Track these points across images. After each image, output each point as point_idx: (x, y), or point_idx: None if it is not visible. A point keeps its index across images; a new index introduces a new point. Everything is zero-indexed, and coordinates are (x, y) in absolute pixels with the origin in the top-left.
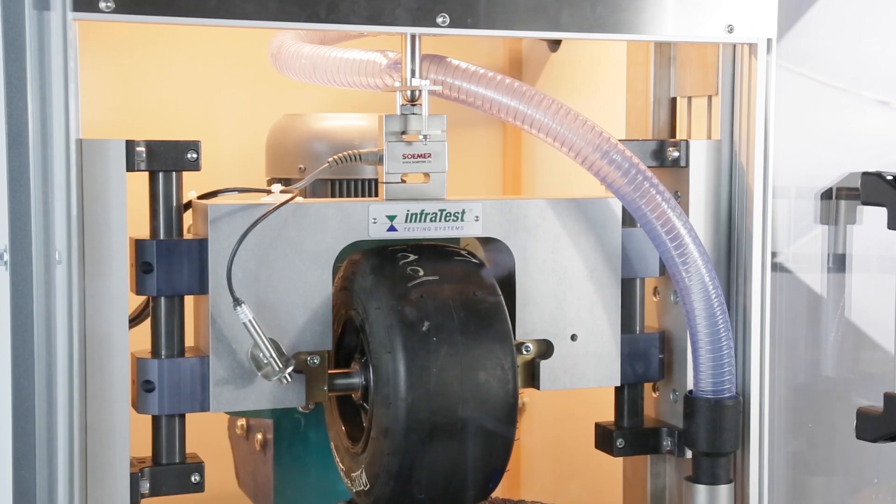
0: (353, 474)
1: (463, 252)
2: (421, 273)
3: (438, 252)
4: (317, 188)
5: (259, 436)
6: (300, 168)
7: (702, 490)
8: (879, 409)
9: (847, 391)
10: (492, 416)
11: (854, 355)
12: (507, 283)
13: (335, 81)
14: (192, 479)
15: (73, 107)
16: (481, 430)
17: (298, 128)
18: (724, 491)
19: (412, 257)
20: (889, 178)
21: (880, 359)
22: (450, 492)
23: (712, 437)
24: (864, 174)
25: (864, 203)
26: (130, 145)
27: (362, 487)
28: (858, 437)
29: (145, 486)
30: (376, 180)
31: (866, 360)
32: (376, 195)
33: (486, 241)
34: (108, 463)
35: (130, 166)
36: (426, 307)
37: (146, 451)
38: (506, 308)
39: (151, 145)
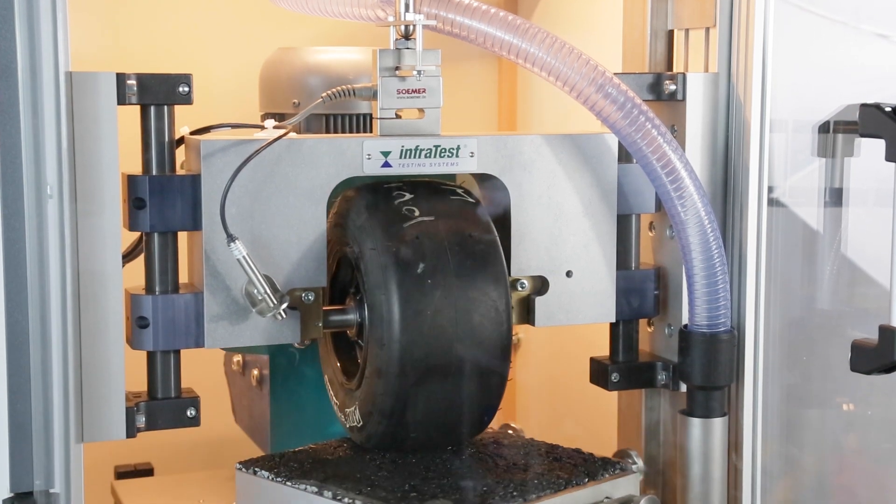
0: (347, 410)
1: (458, 189)
2: (415, 212)
3: (433, 189)
4: (311, 123)
5: (255, 371)
6: (294, 103)
7: (696, 423)
8: (874, 342)
9: (842, 325)
10: (486, 355)
11: (849, 290)
12: (503, 221)
13: (328, 12)
14: (188, 413)
15: (61, 39)
16: (475, 370)
17: (292, 62)
18: (718, 424)
19: (407, 195)
20: (888, 109)
21: (875, 294)
22: (443, 430)
23: (707, 370)
24: (863, 106)
25: (862, 135)
26: (121, 78)
27: (355, 423)
28: (853, 369)
29: (141, 420)
30: (370, 115)
31: (861, 295)
32: (370, 131)
33: (482, 178)
34: (103, 397)
35: (121, 100)
36: (421, 246)
37: (143, 386)
38: (500, 246)
39: (142, 78)
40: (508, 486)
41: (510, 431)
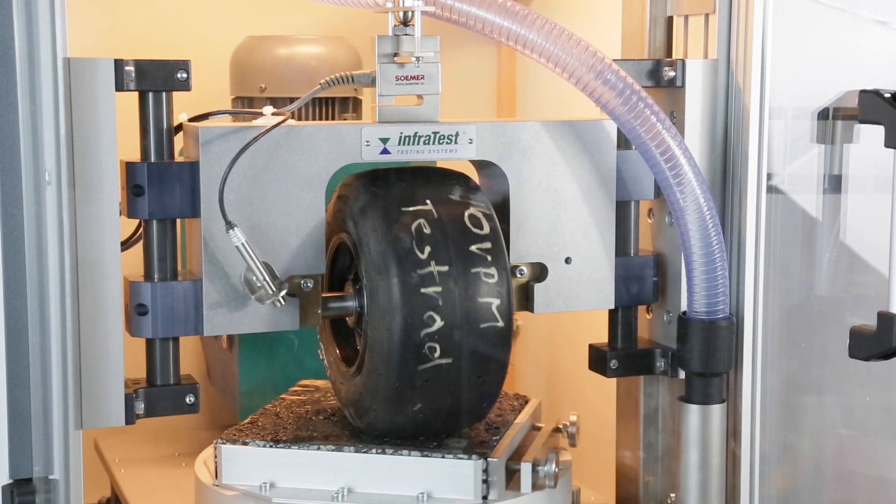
0: (346, 396)
1: (457, 176)
2: (415, 198)
3: (433, 176)
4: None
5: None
6: (261, 87)
7: (694, 410)
8: (873, 328)
9: (840, 312)
10: (486, 342)
11: (848, 276)
12: (502, 207)
13: None
14: (187, 399)
15: (59, 25)
16: (476, 358)
17: (261, 48)
18: (716, 411)
19: (406, 181)
20: (887, 95)
21: (874, 280)
22: (443, 417)
23: (705, 357)
24: (863, 92)
25: (862, 121)
26: (119, 64)
27: (354, 410)
28: (851, 355)
29: (140, 407)
30: (355, 98)
31: (860, 282)
32: (356, 112)
33: (481, 165)
34: (102, 384)
35: (119, 86)
36: (420, 233)
37: (142, 373)
38: (501, 233)
39: (140, 65)
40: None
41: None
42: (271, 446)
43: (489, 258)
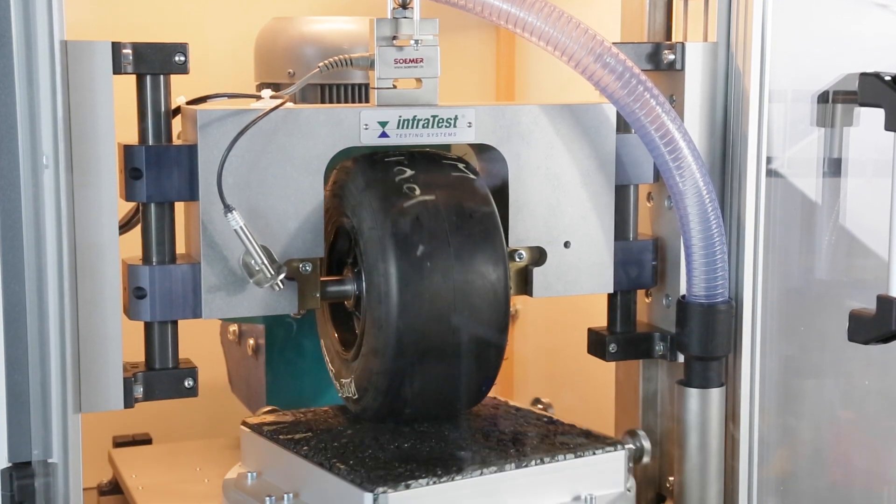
0: (343, 380)
1: (456, 160)
2: (413, 183)
3: (431, 160)
4: (306, 94)
5: (251, 341)
6: (289, 72)
7: (694, 394)
8: (872, 312)
9: (839, 295)
10: (484, 327)
11: (847, 260)
12: (501, 191)
13: None
14: (186, 383)
15: (56, 7)
16: (472, 345)
17: (287, 31)
18: (715, 394)
19: (405, 167)
20: (887, 78)
21: (873, 264)
22: (440, 402)
23: (704, 341)
24: (863, 75)
25: (862, 104)
26: (117, 47)
27: (351, 395)
28: (850, 339)
29: (139, 391)
30: (367, 85)
31: (859, 266)
32: (367, 101)
33: (480, 150)
34: (101, 368)
35: (117, 69)
36: (419, 219)
37: (141, 357)
38: (499, 219)
39: (138, 47)
40: (501, 454)
41: (539, 406)
42: (280, 443)
43: (487, 247)
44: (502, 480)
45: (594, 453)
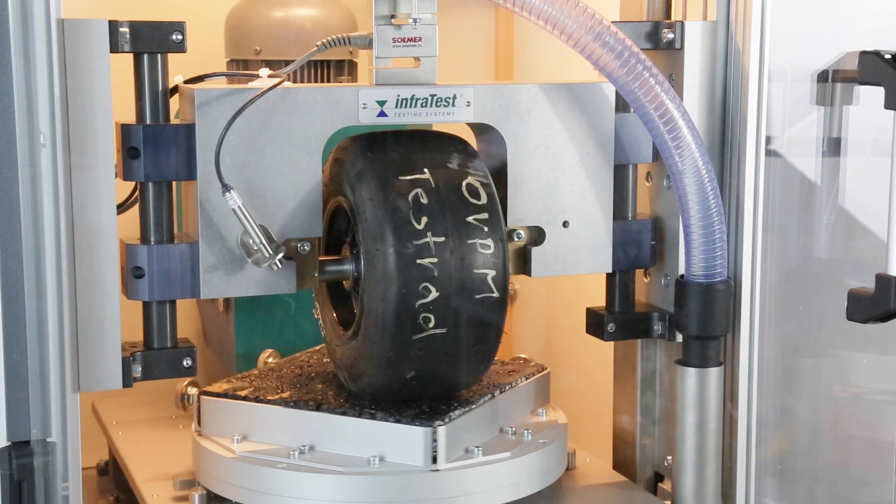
0: (342, 359)
1: (456, 141)
2: (412, 165)
3: (430, 141)
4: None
5: (222, 298)
6: (256, 49)
7: (692, 373)
8: (871, 291)
9: (838, 275)
10: (481, 313)
11: (846, 240)
12: (500, 171)
13: None
14: (184, 363)
15: None
16: (470, 328)
17: (256, 10)
18: (713, 374)
19: (404, 146)
20: (887, 56)
21: (872, 244)
22: (439, 381)
23: (703, 320)
24: (862, 53)
25: (862, 83)
26: (114, 26)
27: (350, 374)
28: (849, 318)
29: (137, 370)
30: (350, 61)
31: (858, 246)
32: (350, 75)
33: (479, 130)
34: (99, 347)
35: (114, 48)
36: (418, 202)
37: (139, 336)
38: (498, 199)
39: (135, 26)
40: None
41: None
42: (244, 401)
43: (486, 229)
44: (498, 404)
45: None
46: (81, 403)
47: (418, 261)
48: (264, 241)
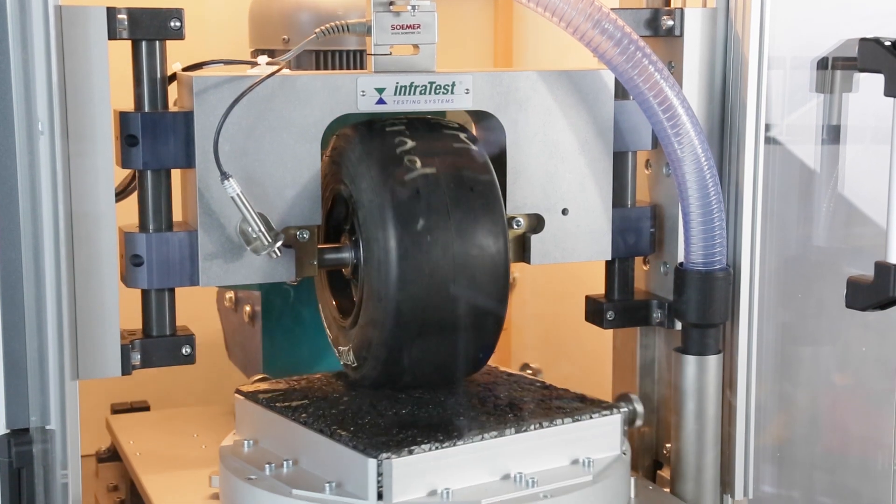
0: (342, 347)
1: (454, 127)
2: (411, 151)
3: (429, 127)
4: (301, 61)
5: (248, 308)
6: (284, 39)
7: (691, 361)
8: (870, 278)
9: (837, 262)
10: (483, 296)
11: (845, 228)
12: (499, 159)
13: None
14: (183, 351)
15: None
16: (472, 312)
17: None
18: (712, 361)
19: (403, 134)
20: (887, 43)
21: (871, 232)
22: (439, 370)
23: (702, 308)
24: (862, 40)
25: (861, 70)
26: (111, 13)
27: (350, 363)
28: (848, 305)
29: (136, 358)
30: (363, 51)
31: (857, 234)
32: (363, 67)
33: (478, 117)
34: (98, 335)
35: (112, 34)
36: (417, 187)
37: (138, 324)
38: (498, 187)
39: (133, 13)
40: (500, 420)
41: (529, 372)
42: (256, 404)
43: (486, 212)
44: (503, 445)
45: (591, 417)
46: (97, 420)
47: (418, 245)
48: (263, 229)
